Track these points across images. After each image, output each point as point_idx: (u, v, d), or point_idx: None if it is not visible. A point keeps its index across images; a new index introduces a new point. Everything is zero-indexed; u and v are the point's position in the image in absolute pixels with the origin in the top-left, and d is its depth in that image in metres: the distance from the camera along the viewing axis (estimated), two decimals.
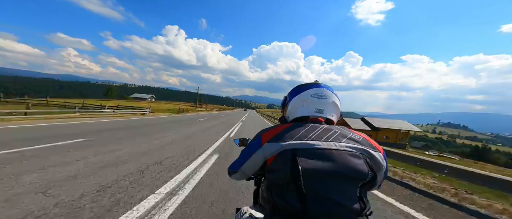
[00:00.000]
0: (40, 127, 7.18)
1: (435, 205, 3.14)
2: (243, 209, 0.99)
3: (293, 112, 0.88)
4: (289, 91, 0.92)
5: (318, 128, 0.75)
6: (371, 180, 0.66)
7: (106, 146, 4.89)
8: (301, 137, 0.71)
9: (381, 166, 0.73)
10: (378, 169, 0.72)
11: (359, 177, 0.66)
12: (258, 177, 1.10)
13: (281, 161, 0.68)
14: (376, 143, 0.77)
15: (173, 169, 3.59)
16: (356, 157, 0.68)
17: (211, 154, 5.06)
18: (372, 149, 0.72)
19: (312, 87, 0.85)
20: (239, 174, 0.87)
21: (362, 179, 0.66)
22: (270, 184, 0.74)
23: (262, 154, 0.74)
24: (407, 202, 3.14)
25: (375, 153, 0.72)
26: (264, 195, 0.85)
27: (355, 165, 0.66)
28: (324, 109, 0.83)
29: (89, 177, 2.91)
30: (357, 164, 0.66)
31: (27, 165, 3.18)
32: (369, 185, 0.69)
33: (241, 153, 0.85)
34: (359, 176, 0.65)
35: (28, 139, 5.05)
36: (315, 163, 0.65)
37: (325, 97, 0.83)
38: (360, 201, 0.65)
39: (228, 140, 7.44)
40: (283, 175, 0.67)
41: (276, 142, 0.71)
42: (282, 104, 0.99)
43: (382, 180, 0.79)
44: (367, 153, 0.70)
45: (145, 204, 2.27)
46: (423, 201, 3.24)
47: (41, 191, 2.36)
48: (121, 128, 8.48)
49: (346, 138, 0.72)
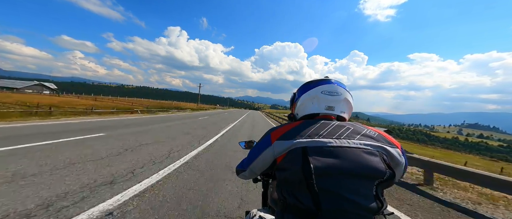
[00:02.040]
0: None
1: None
2: (253, 211, 1.02)
3: (303, 109, 0.88)
4: (298, 88, 0.93)
5: (330, 124, 0.74)
6: (389, 178, 0.64)
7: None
8: (312, 134, 0.70)
9: (399, 162, 0.72)
10: (395, 166, 0.71)
11: (375, 175, 0.64)
12: (266, 179, 1.18)
13: (291, 159, 0.68)
14: (393, 138, 0.75)
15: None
16: (372, 154, 0.66)
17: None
18: (389, 145, 0.71)
19: (322, 83, 0.84)
20: (248, 173, 0.88)
21: (379, 177, 0.64)
22: (281, 183, 0.73)
23: (271, 152, 0.74)
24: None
25: (392, 149, 0.71)
26: (273, 195, 0.92)
27: (371, 162, 0.64)
28: (335, 106, 0.82)
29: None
30: (373, 162, 0.64)
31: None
32: (386, 183, 0.66)
33: (249, 152, 0.86)
34: (375, 174, 0.63)
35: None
36: (328, 161, 0.63)
37: (336, 94, 0.82)
38: (376, 199, 0.63)
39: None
40: (294, 173, 0.66)
41: (286, 140, 0.71)
42: (291, 101, 1.00)
43: (401, 176, 0.79)
44: (383, 149, 0.69)
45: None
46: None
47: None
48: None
49: (360, 135, 0.71)
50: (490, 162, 35.79)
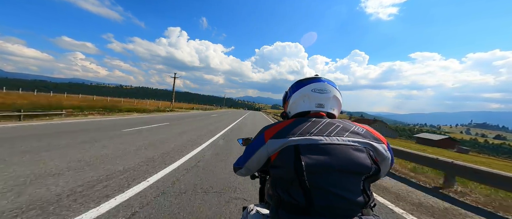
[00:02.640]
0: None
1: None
2: (250, 206, 1.04)
3: (294, 107, 0.91)
4: (290, 87, 0.95)
5: (320, 122, 0.77)
6: (374, 173, 0.69)
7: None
8: (304, 132, 0.73)
9: (385, 157, 0.76)
10: (381, 161, 0.76)
11: (362, 171, 0.68)
12: (263, 175, 1.20)
13: (284, 157, 0.71)
14: (380, 134, 0.79)
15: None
16: (359, 150, 0.70)
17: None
18: (375, 141, 0.75)
19: (313, 82, 0.87)
20: (244, 170, 0.91)
21: (365, 172, 0.68)
22: (275, 180, 0.77)
23: (265, 150, 0.77)
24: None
25: (378, 145, 0.75)
26: (269, 192, 0.88)
27: (358, 159, 0.68)
28: (325, 103, 0.86)
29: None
30: (360, 158, 0.68)
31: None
32: (372, 178, 0.71)
33: (245, 149, 0.89)
34: (362, 170, 0.68)
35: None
36: (318, 158, 0.67)
37: (326, 91, 0.85)
38: (363, 194, 0.68)
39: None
40: (287, 171, 0.69)
41: (279, 138, 0.74)
42: (283, 100, 1.02)
43: (388, 170, 0.83)
44: (370, 145, 0.73)
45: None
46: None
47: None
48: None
49: (349, 132, 0.74)
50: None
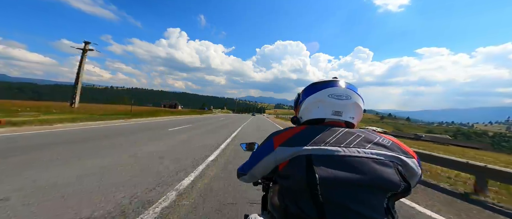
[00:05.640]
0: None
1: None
2: (251, 216, 0.95)
3: (307, 113, 0.84)
4: (303, 89, 0.88)
5: (337, 131, 0.71)
6: (403, 191, 0.62)
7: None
8: (318, 141, 0.67)
9: (416, 173, 0.69)
10: (411, 177, 0.68)
11: (388, 187, 0.61)
12: (266, 182, 1.15)
13: (294, 166, 0.66)
14: (409, 148, 0.72)
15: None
16: (385, 165, 0.63)
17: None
18: (405, 155, 0.67)
19: (330, 86, 0.79)
20: (248, 177, 0.88)
21: (392, 189, 0.61)
22: (283, 190, 0.73)
23: (273, 158, 0.72)
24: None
25: (408, 160, 0.67)
26: (273, 200, 0.84)
27: (383, 174, 0.61)
28: (343, 111, 0.77)
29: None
30: (387, 173, 0.61)
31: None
32: (399, 196, 0.64)
33: (251, 155, 0.85)
34: (388, 186, 0.61)
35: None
36: (335, 172, 0.61)
37: (345, 97, 0.76)
38: (387, 213, 0.60)
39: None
40: (297, 182, 0.64)
41: (289, 146, 0.69)
42: (295, 103, 0.97)
43: (414, 186, 0.73)
44: (398, 159, 0.65)
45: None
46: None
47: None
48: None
49: (372, 143, 0.67)
50: None
